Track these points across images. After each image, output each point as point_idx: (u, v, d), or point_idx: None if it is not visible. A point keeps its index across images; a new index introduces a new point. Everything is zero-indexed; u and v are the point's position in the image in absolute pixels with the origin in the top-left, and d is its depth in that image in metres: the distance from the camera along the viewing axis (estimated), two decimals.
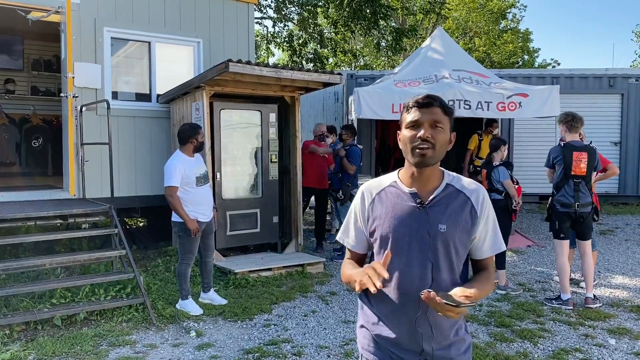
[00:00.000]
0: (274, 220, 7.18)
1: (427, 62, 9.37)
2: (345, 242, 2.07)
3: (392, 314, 1.89)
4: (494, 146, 6.14)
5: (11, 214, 5.27)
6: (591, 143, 5.45)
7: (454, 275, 1.88)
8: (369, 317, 1.98)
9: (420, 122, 1.86)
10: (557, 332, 4.79)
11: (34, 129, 9.40)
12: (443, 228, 1.85)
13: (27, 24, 6.78)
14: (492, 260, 1.99)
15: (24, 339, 4.44)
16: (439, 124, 1.85)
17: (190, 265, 5.17)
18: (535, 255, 7.75)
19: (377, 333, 1.94)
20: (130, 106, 7.19)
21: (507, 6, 28.64)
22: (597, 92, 12.02)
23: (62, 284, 5.04)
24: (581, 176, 5.28)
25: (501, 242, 1.97)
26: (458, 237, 1.87)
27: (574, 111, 5.44)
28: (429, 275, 1.84)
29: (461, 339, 1.94)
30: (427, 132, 1.84)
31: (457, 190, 1.91)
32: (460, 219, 1.87)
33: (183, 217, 4.96)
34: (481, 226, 1.91)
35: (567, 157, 5.30)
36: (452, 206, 1.88)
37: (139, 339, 4.52)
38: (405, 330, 1.88)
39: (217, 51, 7.71)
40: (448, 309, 1.67)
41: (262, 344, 4.47)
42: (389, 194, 1.94)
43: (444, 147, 1.87)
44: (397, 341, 1.90)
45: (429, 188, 1.91)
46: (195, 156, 5.20)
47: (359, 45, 26.42)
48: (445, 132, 1.87)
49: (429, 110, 1.87)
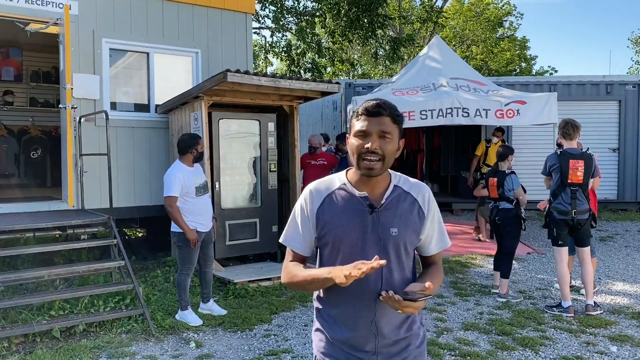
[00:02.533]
0: (274, 229, 7.17)
1: (425, 71, 9.40)
2: (291, 245, 2.00)
3: (346, 316, 1.91)
4: (501, 155, 6.09)
5: (10, 225, 5.25)
6: (588, 150, 5.45)
7: (404, 273, 1.93)
8: (324, 319, 1.98)
9: (369, 132, 1.84)
10: (558, 339, 4.76)
11: (33, 140, 9.40)
12: (394, 231, 1.88)
13: (26, 36, 6.81)
14: (440, 255, 2.06)
15: (22, 351, 4.41)
16: (387, 134, 1.84)
17: (189, 276, 5.15)
18: (536, 262, 7.73)
19: (332, 335, 1.95)
20: (128, 117, 7.20)
21: (504, 14, 28.81)
22: (594, 99, 12.05)
23: (61, 296, 5.02)
24: (578, 184, 5.28)
25: (447, 238, 2.04)
26: (408, 238, 1.91)
27: (572, 118, 5.44)
28: (381, 277, 1.87)
29: (415, 333, 1.97)
30: (375, 144, 1.83)
31: (404, 192, 1.95)
32: (409, 220, 1.92)
33: (182, 227, 4.95)
34: (428, 225, 1.97)
35: (563, 165, 5.30)
36: (401, 208, 1.92)
37: (138, 351, 4.50)
38: (360, 330, 1.89)
39: (216, 61, 7.73)
40: (406, 305, 1.70)
41: (262, 355, 4.44)
42: (339, 197, 1.93)
43: (392, 157, 1.87)
44: (352, 342, 1.91)
45: (378, 191, 1.92)
46: (195, 166, 5.20)
47: (357, 55, 26.53)
48: (393, 142, 1.86)
49: (377, 120, 1.85)
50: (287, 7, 15.68)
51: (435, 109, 8.13)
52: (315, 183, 2.00)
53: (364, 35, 15.13)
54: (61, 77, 6.65)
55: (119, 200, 6.91)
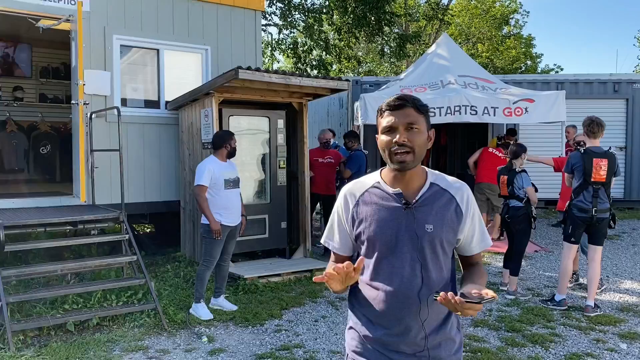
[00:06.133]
0: (282, 226, 7.20)
1: (433, 68, 9.42)
2: (329, 245, 2.05)
3: (381, 315, 1.88)
4: (514, 153, 6.06)
5: (24, 220, 5.30)
6: (610, 149, 5.39)
7: (442, 273, 1.89)
8: (357, 318, 1.97)
9: (395, 126, 1.83)
10: (567, 336, 4.79)
11: (42, 136, 9.46)
12: (430, 228, 1.85)
13: (36, 32, 6.84)
14: (481, 255, 2.02)
15: (37, 344, 4.46)
16: (414, 125, 1.83)
17: (210, 269, 5.25)
18: (543, 260, 7.75)
19: (365, 334, 1.93)
20: (139, 113, 7.23)
21: (510, 12, 28.72)
22: (601, 97, 12.03)
23: (75, 290, 5.07)
24: (600, 182, 5.25)
25: (488, 238, 1.99)
26: (445, 236, 1.87)
27: (596, 116, 5.35)
28: (418, 275, 1.84)
29: (451, 338, 1.91)
30: (403, 136, 1.82)
31: (441, 189, 1.91)
32: (446, 218, 1.87)
33: (207, 216, 5.08)
34: (468, 224, 1.92)
35: (587, 164, 5.25)
36: (437, 205, 1.88)
37: (151, 344, 4.54)
38: (394, 331, 1.86)
39: (225, 58, 7.75)
40: (468, 307, 1.65)
41: (274, 349, 4.48)
42: (373, 196, 1.92)
43: (423, 148, 1.85)
44: (386, 342, 1.88)
45: (414, 188, 1.90)
46: (228, 162, 5.36)
47: (362, 52, 26.50)
48: (421, 133, 1.84)
49: (402, 112, 1.84)
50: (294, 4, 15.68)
51: (443, 107, 8.17)
52: (350, 185, 2.01)
53: (370, 32, 15.13)
54: (73, 73, 6.69)
55: (129, 196, 6.93)
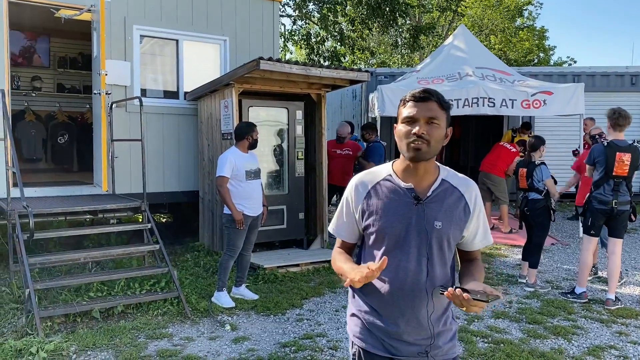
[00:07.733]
0: (300, 216, 7.24)
1: (451, 60, 9.37)
2: (336, 233, 2.09)
3: (385, 306, 1.92)
4: (533, 145, 6.04)
5: (49, 209, 5.37)
6: (634, 142, 5.33)
7: (446, 268, 1.93)
8: (361, 305, 2.00)
9: (416, 118, 1.84)
10: (589, 329, 4.79)
11: (60, 126, 9.54)
12: (439, 225, 1.87)
13: (54, 22, 6.87)
14: (479, 252, 2.06)
15: (64, 330, 4.54)
16: (435, 120, 1.84)
17: (233, 259, 5.30)
18: (560, 253, 7.74)
19: (369, 322, 1.97)
20: (158, 103, 7.28)
21: (524, 3, 28.44)
22: (618, 90, 11.92)
23: (100, 278, 5.14)
24: (622, 176, 5.22)
25: (490, 236, 2.04)
26: (452, 233, 1.90)
27: (621, 108, 5.30)
28: (424, 269, 1.88)
29: (449, 328, 1.98)
30: (423, 129, 1.82)
31: (452, 187, 1.93)
32: (454, 215, 1.90)
33: (230, 207, 5.11)
34: (474, 222, 1.96)
35: (609, 158, 5.20)
36: (447, 203, 1.90)
37: (175, 332, 4.60)
38: (398, 321, 1.91)
39: (243, 49, 7.77)
40: (475, 304, 1.67)
41: (297, 338, 4.52)
42: (385, 188, 1.93)
43: (439, 143, 1.86)
44: (389, 331, 1.92)
45: (425, 183, 1.91)
46: (249, 153, 5.37)
47: (373, 43, 26.36)
48: (440, 128, 1.85)
49: (425, 105, 1.85)
50: None
51: (461, 99, 8.14)
52: (361, 175, 2.02)
53: (384, 23, 15.06)
54: (94, 63, 6.73)
55: (148, 186, 6.98)
